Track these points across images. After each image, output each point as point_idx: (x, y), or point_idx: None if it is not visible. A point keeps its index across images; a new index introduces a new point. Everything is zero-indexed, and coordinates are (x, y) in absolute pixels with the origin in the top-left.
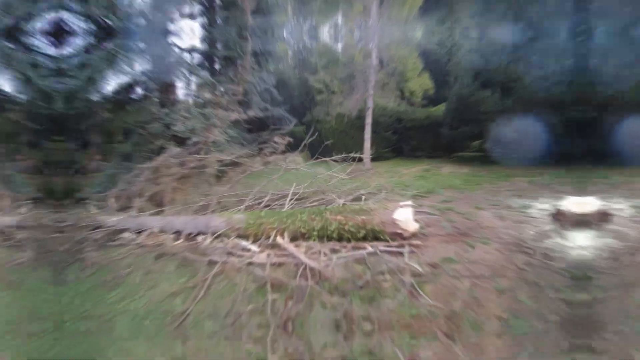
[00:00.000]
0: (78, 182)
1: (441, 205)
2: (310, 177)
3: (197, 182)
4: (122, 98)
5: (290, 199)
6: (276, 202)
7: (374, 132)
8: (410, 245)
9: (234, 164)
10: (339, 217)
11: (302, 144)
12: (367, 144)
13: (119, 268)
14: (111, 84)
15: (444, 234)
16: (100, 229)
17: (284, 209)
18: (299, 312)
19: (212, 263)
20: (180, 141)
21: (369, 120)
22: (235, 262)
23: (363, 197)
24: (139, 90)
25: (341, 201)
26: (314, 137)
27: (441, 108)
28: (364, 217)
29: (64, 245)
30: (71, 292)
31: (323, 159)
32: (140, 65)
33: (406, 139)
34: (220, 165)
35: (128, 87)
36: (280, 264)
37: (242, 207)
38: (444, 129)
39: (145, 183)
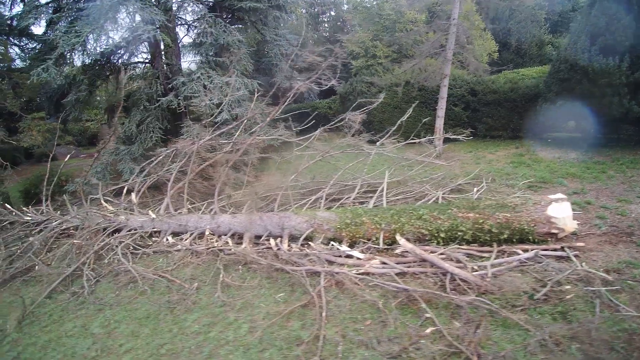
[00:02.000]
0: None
1: (576, 199)
2: (385, 164)
3: (240, 171)
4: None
5: (359, 191)
6: (342, 195)
7: (431, 109)
8: (570, 247)
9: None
10: (471, 215)
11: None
12: (440, 122)
13: (179, 282)
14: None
15: (600, 233)
16: (125, 232)
17: (368, 204)
18: (484, 333)
19: (311, 274)
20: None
21: (444, 94)
22: (347, 273)
23: (461, 188)
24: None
25: (439, 193)
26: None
27: (524, 77)
28: (507, 214)
29: (79, 254)
30: (127, 320)
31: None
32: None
33: (482, 116)
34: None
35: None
36: (403, 274)
37: (307, 201)
38: (542, 104)
39: (176, 173)
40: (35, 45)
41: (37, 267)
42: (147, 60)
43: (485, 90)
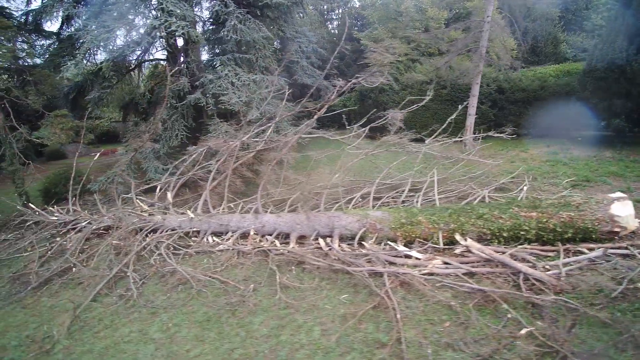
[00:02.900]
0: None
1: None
2: (423, 163)
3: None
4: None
5: (399, 190)
6: (381, 194)
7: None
8: (633, 245)
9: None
10: (534, 214)
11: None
12: (472, 120)
13: (233, 283)
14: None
15: None
16: (163, 232)
17: (414, 203)
18: (573, 333)
19: (373, 275)
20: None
21: (475, 91)
22: (412, 274)
23: (506, 186)
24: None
25: (485, 192)
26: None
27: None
28: (570, 213)
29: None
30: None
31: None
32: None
33: (509, 114)
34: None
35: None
36: (470, 274)
37: (350, 200)
38: (576, 103)
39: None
40: (46, 41)
41: (74, 269)
42: (172, 57)
43: (514, 89)
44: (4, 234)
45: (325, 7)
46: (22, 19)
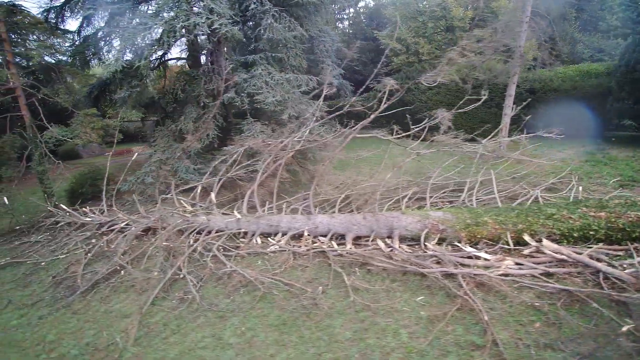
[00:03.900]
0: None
1: None
2: (464, 163)
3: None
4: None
5: (446, 190)
6: (434, 195)
7: (487, 106)
8: None
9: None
10: (603, 214)
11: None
12: (507, 120)
13: (299, 285)
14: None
15: None
16: (207, 234)
17: (472, 203)
18: None
19: (446, 276)
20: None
21: (511, 91)
22: (489, 275)
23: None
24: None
25: (537, 192)
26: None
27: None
28: (638, 213)
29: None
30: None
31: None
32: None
33: (540, 115)
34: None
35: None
36: (548, 274)
37: (397, 200)
38: (612, 103)
39: (249, 173)
40: (62, 40)
41: (122, 271)
42: (206, 55)
43: (545, 89)
44: (34, 235)
45: (336, 6)
46: (43, 17)
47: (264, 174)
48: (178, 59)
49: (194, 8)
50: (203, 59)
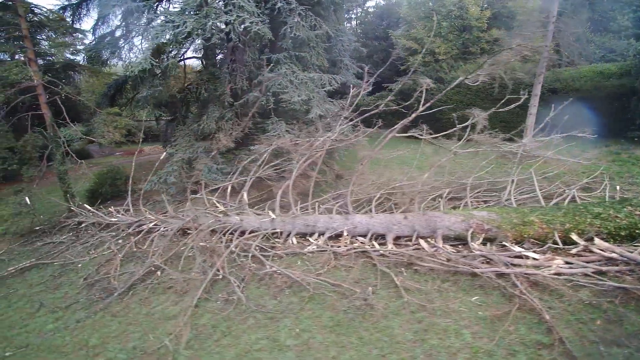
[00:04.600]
0: None
1: None
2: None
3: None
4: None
5: (480, 190)
6: (469, 194)
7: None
8: None
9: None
10: None
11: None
12: (532, 119)
13: (346, 286)
14: None
15: None
16: (248, 233)
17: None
18: None
19: (498, 276)
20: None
21: (537, 91)
22: (542, 274)
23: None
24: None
25: (573, 191)
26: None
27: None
28: None
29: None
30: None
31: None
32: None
33: (562, 115)
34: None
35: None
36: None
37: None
38: (637, 103)
39: (277, 173)
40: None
41: (158, 272)
42: (230, 54)
43: (567, 89)
44: (55, 236)
45: (345, 6)
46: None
47: (296, 173)
48: (196, 57)
49: (223, 6)
50: (218, 57)
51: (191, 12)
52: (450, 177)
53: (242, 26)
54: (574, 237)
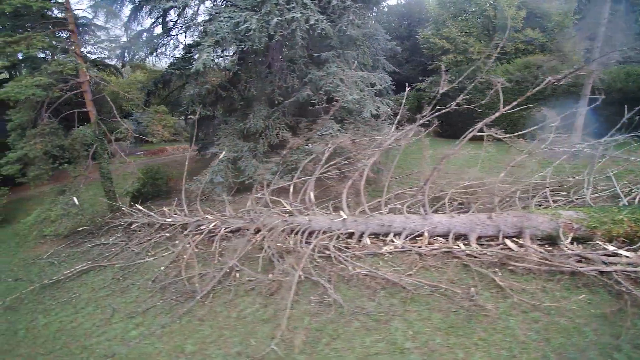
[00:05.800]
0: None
1: None
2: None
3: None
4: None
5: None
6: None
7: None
8: None
9: None
10: None
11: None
12: (582, 120)
13: (446, 287)
14: None
15: None
16: (321, 233)
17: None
18: None
19: (600, 274)
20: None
21: (587, 91)
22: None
23: None
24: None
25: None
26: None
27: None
28: None
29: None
30: None
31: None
32: None
33: (604, 115)
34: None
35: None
36: None
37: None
38: None
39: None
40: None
41: (237, 274)
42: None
43: (610, 89)
44: (102, 237)
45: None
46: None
47: (367, 172)
48: (238, 57)
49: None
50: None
51: (248, 9)
52: (516, 177)
53: (308, 24)
54: None
